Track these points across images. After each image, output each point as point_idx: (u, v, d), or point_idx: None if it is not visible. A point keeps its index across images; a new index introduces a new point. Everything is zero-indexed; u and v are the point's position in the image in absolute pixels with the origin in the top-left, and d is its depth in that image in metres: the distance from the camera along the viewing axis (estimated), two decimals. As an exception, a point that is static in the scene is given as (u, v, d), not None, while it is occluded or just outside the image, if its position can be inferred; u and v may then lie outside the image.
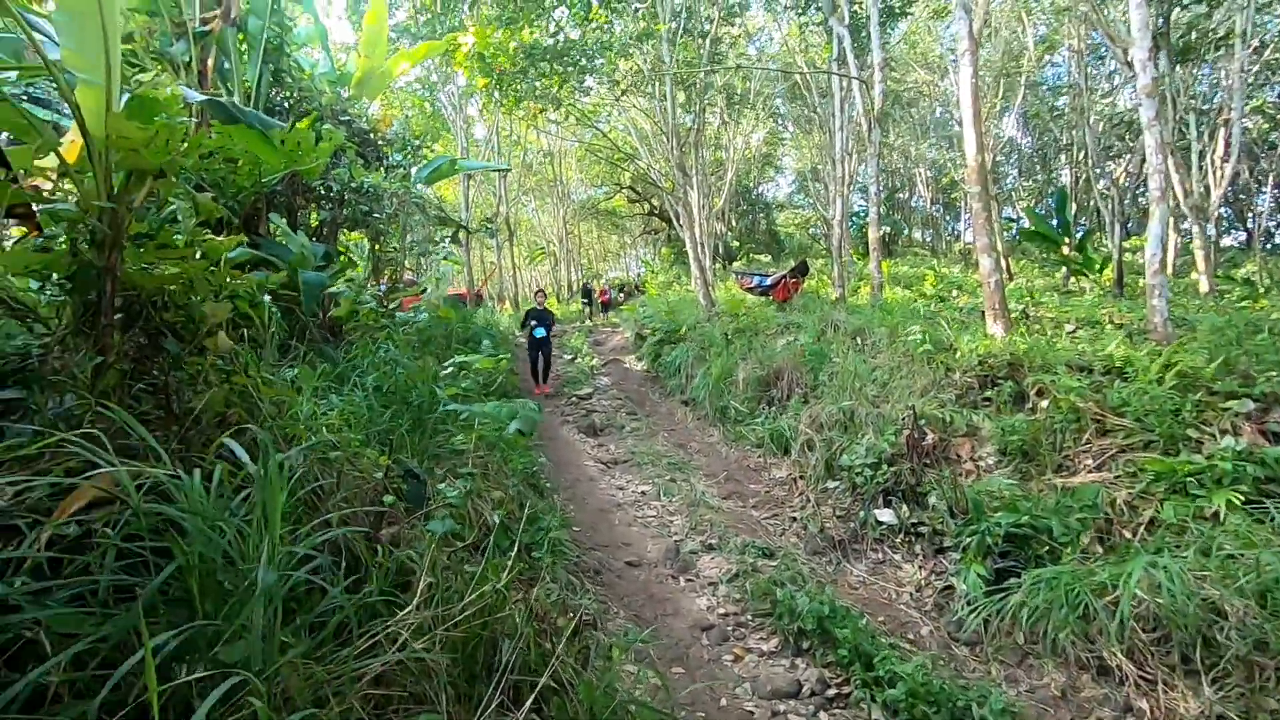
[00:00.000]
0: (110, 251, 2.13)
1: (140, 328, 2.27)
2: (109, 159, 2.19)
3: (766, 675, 3.50)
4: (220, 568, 1.60)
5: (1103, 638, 3.43)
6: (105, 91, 2.20)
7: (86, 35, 2.25)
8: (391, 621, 1.80)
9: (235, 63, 6.91)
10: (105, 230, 2.11)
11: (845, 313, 10.11)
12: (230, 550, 1.63)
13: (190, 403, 2.24)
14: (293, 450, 2.13)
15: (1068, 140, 18.07)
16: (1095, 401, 5.21)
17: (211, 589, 1.61)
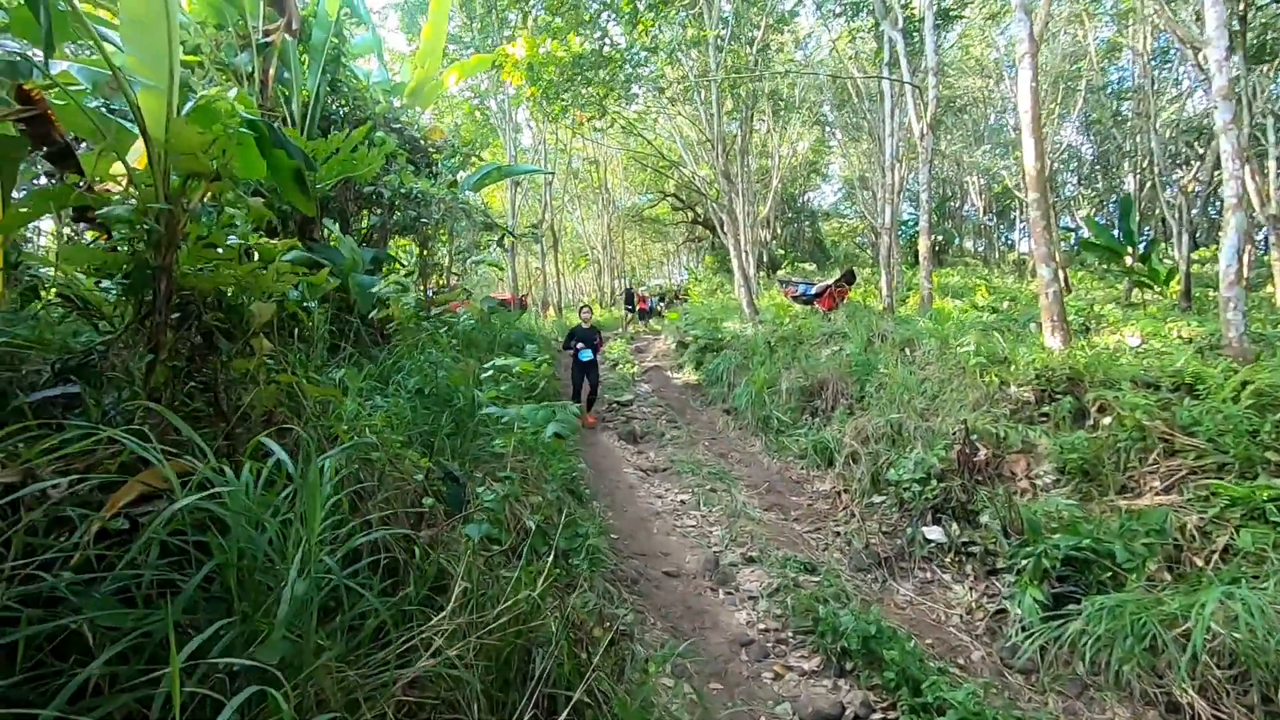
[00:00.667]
0: (165, 252, 2.18)
1: (192, 327, 2.32)
2: (167, 162, 2.24)
3: (808, 696, 3.38)
4: (259, 566, 1.60)
5: (1172, 672, 3.21)
6: (167, 97, 2.26)
7: (150, 44, 2.33)
8: (425, 627, 1.77)
9: (295, 73, 7.13)
10: (161, 231, 2.16)
11: (893, 323, 9.86)
12: (270, 550, 1.63)
13: (237, 401, 2.28)
14: (333, 450, 2.14)
15: (1131, 147, 17.31)
16: (1163, 420, 4.93)
17: (251, 587, 1.61)
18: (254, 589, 1.57)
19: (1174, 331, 8.07)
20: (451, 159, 9.04)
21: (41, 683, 1.35)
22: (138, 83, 2.25)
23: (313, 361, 3.62)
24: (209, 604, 1.60)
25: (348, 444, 2.38)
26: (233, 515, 1.61)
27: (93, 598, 1.46)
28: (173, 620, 1.40)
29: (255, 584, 1.57)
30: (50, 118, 2.86)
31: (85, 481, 1.92)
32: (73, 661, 1.37)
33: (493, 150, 20.96)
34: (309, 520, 1.65)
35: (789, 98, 21.31)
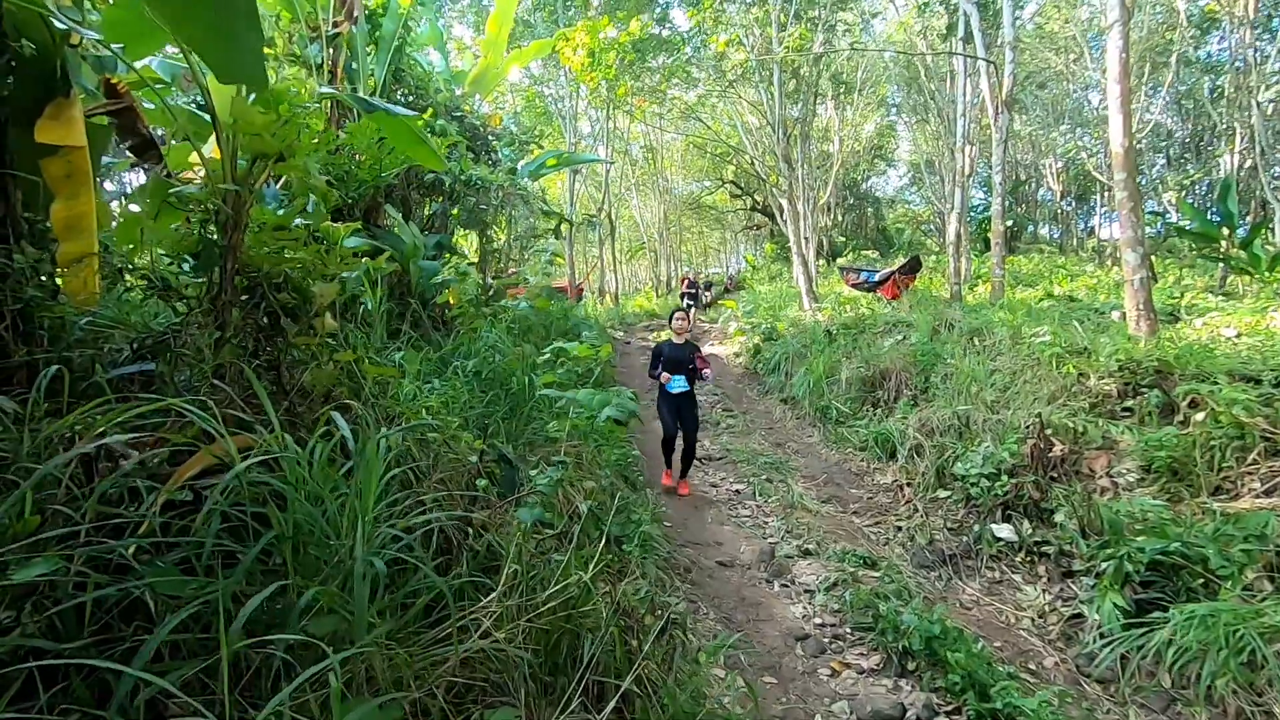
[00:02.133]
0: (232, 232, 2.22)
1: (258, 306, 2.37)
2: (235, 143, 2.28)
3: (866, 694, 3.26)
4: (315, 540, 1.61)
5: (1273, 690, 2.95)
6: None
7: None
8: (475, 608, 1.76)
9: (361, 62, 7.29)
10: (228, 211, 2.20)
11: (961, 311, 9.44)
12: (326, 524, 1.64)
13: (300, 379, 2.31)
14: (392, 428, 2.15)
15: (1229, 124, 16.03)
16: (1265, 416, 4.55)
17: (307, 562, 1.62)
18: (309, 563, 1.58)
19: (1277, 322, 7.46)
20: (511, 146, 9.10)
21: (108, 646, 1.39)
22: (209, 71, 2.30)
23: (372, 344, 3.68)
24: (266, 576, 1.63)
25: (408, 424, 2.40)
26: (290, 488, 1.63)
27: (156, 566, 1.50)
28: (229, 591, 1.42)
29: (310, 558, 1.59)
30: (135, 111, 2.98)
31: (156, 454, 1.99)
32: (135, 628, 1.40)
33: (551, 138, 21.09)
34: (365, 495, 1.65)
35: (852, 80, 20.65)
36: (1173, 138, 23.09)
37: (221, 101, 2.22)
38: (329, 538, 1.64)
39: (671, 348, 6.12)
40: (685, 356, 6.05)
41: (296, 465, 1.71)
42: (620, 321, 18.46)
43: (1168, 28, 17.37)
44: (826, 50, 13.11)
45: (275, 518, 1.58)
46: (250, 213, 2.47)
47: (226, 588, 1.38)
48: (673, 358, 6.06)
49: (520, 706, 1.59)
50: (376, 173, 6.29)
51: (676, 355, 6.07)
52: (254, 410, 2.18)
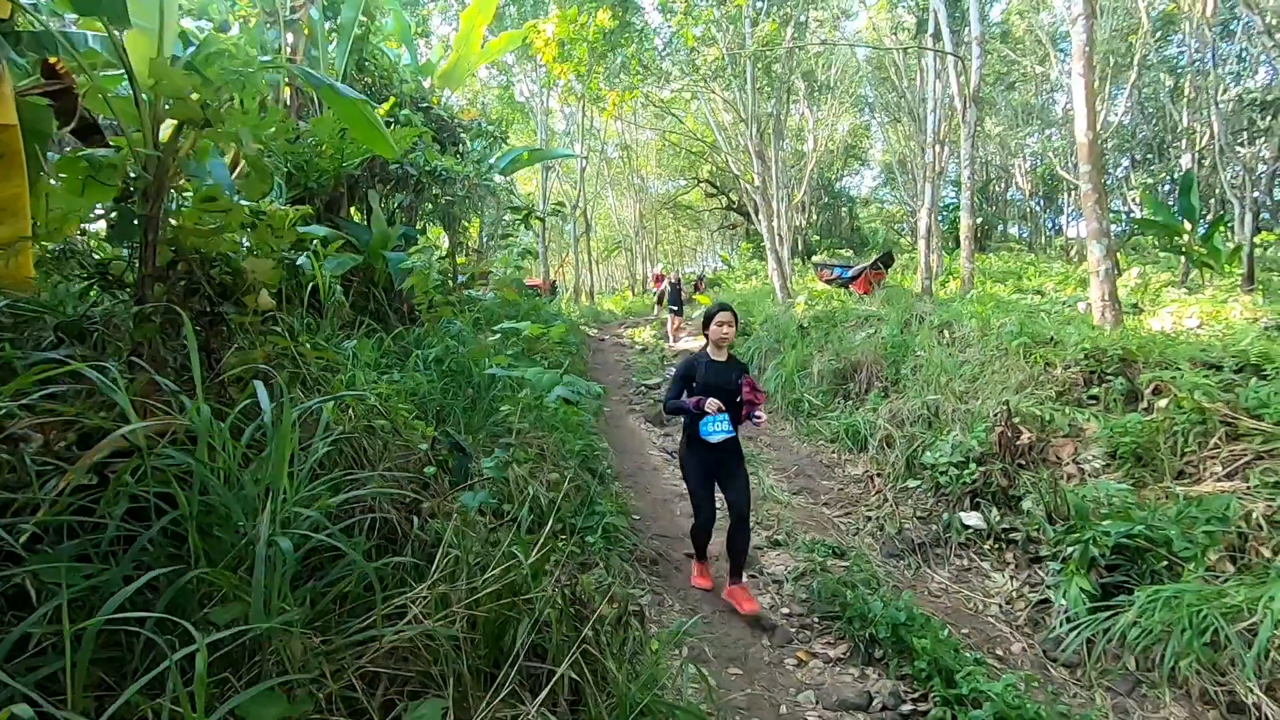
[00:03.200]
0: (153, 202, 2.08)
1: (185, 282, 2.23)
2: (157, 108, 2.14)
3: (833, 683, 3.20)
4: (223, 521, 1.49)
5: (1236, 670, 2.94)
6: (157, 39, 2.16)
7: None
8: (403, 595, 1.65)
9: (322, 50, 7.10)
10: (148, 179, 2.07)
11: (932, 305, 9.49)
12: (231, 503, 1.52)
13: (226, 358, 2.18)
14: (314, 401, 2.03)
15: (1190, 124, 16.40)
16: (1225, 402, 4.58)
17: (219, 545, 1.50)
18: (220, 546, 1.46)
19: (1236, 312, 7.59)
20: (479, 138, 8.94)
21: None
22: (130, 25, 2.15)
23: (323, 331, 3.53)
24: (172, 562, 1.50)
25: (331, 395, 2.27)
26: (200, 466, 1.50)
27: (46, 552, 1.37)
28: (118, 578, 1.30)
29: (217, 540, 1.47)
30: (75, 93, 2.80)
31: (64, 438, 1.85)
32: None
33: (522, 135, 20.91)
34: (278, 469, 1.53)
35: (824, 79, 20.78)
36: (1137, 138, 23.56)
37: (140, 63, 2.08)
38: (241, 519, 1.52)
39: (711, 367, 3.84)
40: (730, 382, 3.81)
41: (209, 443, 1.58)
42: (595, 319, 18.35)
43: (1129, 31, 17.71)
44: (796, 44, 13.12)
45: (181, 498, 1.46)
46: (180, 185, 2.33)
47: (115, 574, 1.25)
48: (712, 383, 3.77)
49: (447, 697, 1.48)
50: (338, 163, 6.12)
51: (718, 379, 3.79)
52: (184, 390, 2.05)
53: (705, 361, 3.93)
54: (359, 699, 1.43)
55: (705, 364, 3.91)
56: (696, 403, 3.72)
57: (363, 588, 1.77)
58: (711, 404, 3.65)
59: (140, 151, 2.07)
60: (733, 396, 3.82)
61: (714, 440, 3.73)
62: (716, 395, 3.73)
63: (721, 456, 3.85)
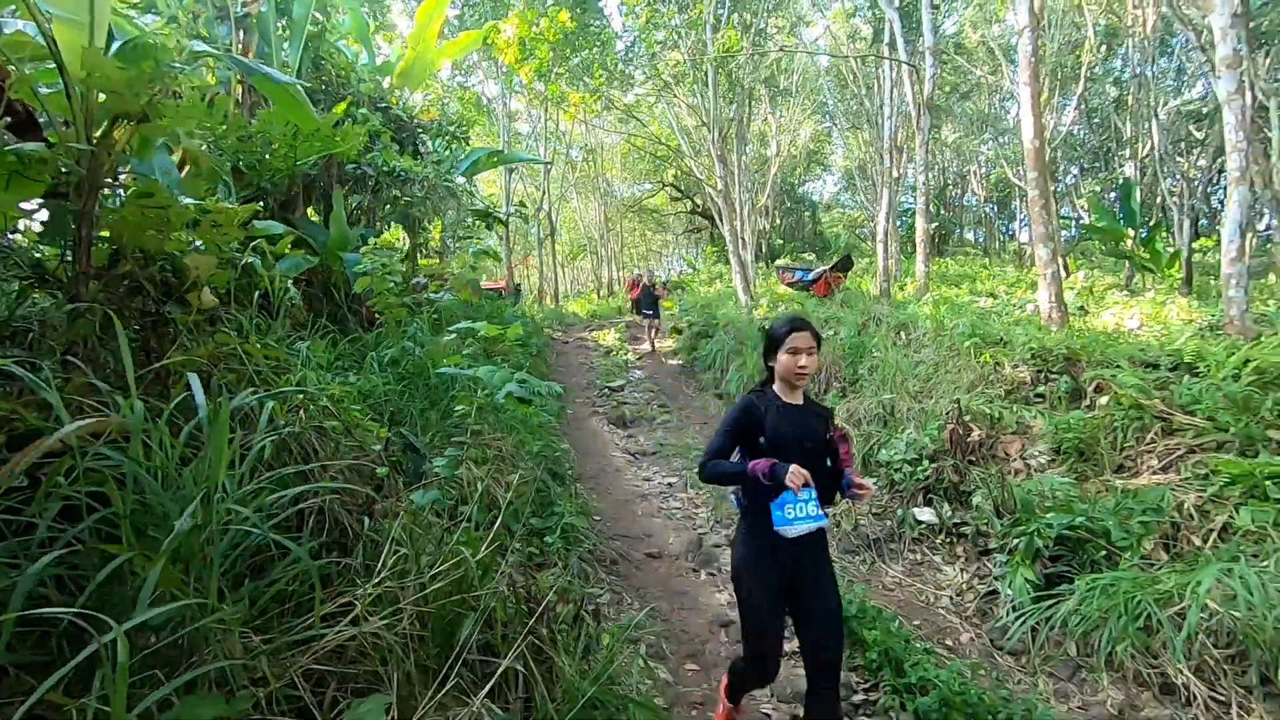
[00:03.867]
0: (87, 197, 2.03)
1: (124, 279, 2.17)
2: (90, 101, 2.09)
3: (788, 676, 3.24)
4: (159, 521, 1.46)
5: (1167, 652, 3.08)
6: (88, 30, 2.11)
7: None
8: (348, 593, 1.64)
9: (275, 47, 6.96)
10: (81, 173, 2.01)
11: (889, 307, 9.70)
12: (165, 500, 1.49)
13: (167, 356, 2.13)
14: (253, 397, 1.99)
15: (1133, 134, 17.10)
16: (1161, 399, 4.79)
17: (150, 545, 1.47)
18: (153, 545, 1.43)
19: (1174, 313, 7.93)
20: (440, 138, 8.86)
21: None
22: (56, 16, 2.09)
23: (274, 331, 3.47)
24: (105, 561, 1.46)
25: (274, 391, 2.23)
26: (129, 463, 1.47)
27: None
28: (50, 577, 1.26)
29: (154, 540, 1.44)
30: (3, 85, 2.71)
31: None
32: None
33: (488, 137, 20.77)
34: (214, 464, 1.51)
35: (786, 86, 21.09)
36: (1084, 147, 24.44)
37: (69, 50, 2.02)
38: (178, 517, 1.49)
39: (783, 414, 2.41)
40: (814, 436, 2.42)
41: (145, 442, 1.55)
42: (559, 322, 18.29)
43: (1076, 44, 18.38)
44: (757, 50, 13.30)
45: (115, 496, 1.43)
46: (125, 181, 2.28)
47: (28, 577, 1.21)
48: (788, 436, 2.37)
49: (392, 694, 1.47)
50: (292, 161, 6.00)
51: (797, 430, 2.40)
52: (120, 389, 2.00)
53: (774, 403, 2.43)
54: (303, 697, 1.41)
55: (774, 407, 2.41)
56: (768, 468, 2.20)
57: (309, 587, 1.75)
58: (797, 474, 2.12)
59: (73, 146, 2.01)
60: (819, 459, 2.41)
61: (795, 532, 2.31)
62: (796, 458, 2.23)
63: (801, 555, 2.37)
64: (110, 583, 1.33)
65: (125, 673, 1.02)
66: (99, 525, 1.46)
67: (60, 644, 1.30)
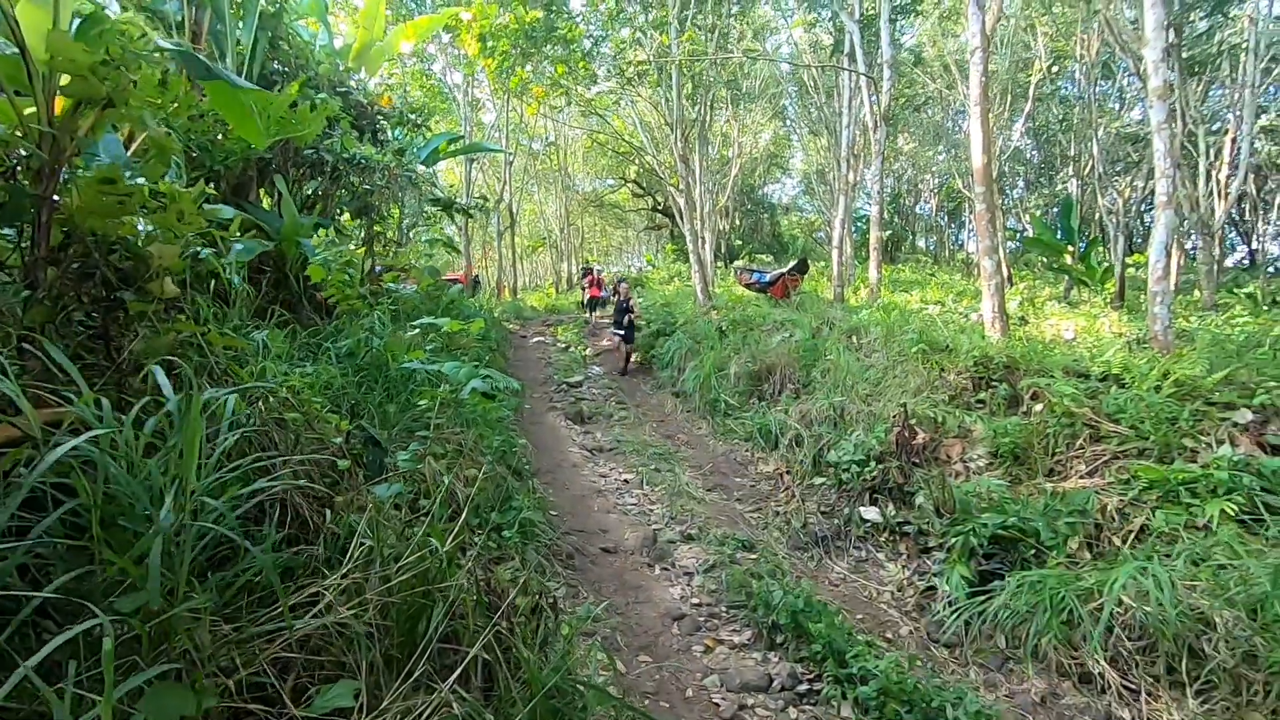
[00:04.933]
0: (47, 181, 1.99)
1: (82, 266, 2.14)
2: (53, 83, 2.05)
3: (736, 668, 3.38)
4: (127, 511, 1.47)
5: (1086, 644, 3.31)
6: (52, 10, 2.06)
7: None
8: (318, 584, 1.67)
9: (229, 25, 6.75)
10: (43, 157, 1.97)
11: (842, 311, 9.99)
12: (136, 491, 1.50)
13: (130, 346, 2.11)
14: (222, 391, 1.99)
15: (1075, 152, 17.93)
16: (1090, 407, 5.09)
17: (122, 535, 1.48)
18: (123, 537, 1.44)
19: (1106, 326, 8.39)
20: (400, 125, 8.73)
21: None
22: None
23: (230, 320, 3.42)
24: (74, 553, 1.47)
25: (241, 386, 2.23)
26: (100, 455, 1.47)
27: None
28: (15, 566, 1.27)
29: (122, 530, 1.44)
30: None
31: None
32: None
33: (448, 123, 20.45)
34: (186, 457, 1.52)
35: (748, 89, 21.38)
36: (1030, 163, 25.47)
37: (32, 29, 1.98)
38: (149, 508, 1.50)
39: None
40: None
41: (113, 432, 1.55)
42: (518, 316, 18.17)
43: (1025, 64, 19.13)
44: (720, 55, 13.46)
45: (82, 488, 1.43)
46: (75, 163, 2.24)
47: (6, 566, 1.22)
48: None
49: (360, 682, 1.52)
50: (247, 143, 5.85)
51: None
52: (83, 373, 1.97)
53: None
54: (271, 685, 1.44)
55: None
56: None
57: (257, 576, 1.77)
58: None
59: (33, 128, 1.97)
60: None
61: None
62: None
63: None
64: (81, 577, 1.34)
65: (110, 656, 1.04)
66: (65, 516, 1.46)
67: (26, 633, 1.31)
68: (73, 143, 2.06)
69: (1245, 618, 3.04)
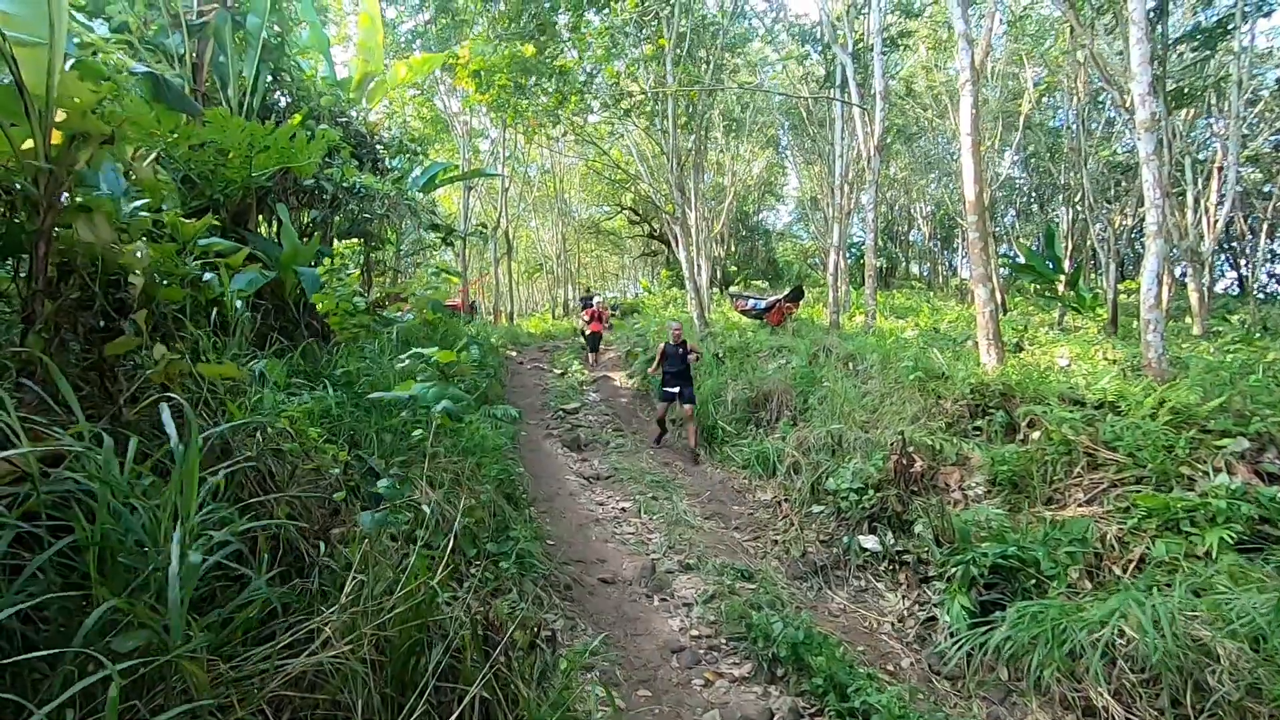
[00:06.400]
0: (44, 215, 2.01)
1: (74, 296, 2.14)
2: (49, 119, 2.07)
3: (737, 702, 3.32)
4: (125, 549, 1.45)
5: (1090, 677, 3.27)
6: (49, 50, 2.10)
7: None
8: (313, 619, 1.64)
9: (231, 58, 6.84)
10: (38, 193, 1.99)
11: (838, 338, 10.02)
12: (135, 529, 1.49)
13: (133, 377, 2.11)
14: (222, 425, 1.99)
15: (1066, 182, 18.19)
16: (1087, 435, 5.10)
17: (117, 573, 1.46)
18: (118, 573, 1.42)
19: (1100, 354, 8.43)
20: (399, 155, 8.82)
21: None
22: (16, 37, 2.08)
23: (228, 350, 3.41)
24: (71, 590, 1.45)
25: (237, 421, 2.22)
26: (100, 490, 1.46)
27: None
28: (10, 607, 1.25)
29: (119, 567, 1.43)
30: None
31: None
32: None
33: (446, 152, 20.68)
34: (186, 495, 1.51)
35: (741, 119, 21.72)
36: (1021, 191, 25.81)
37: (31, 69, 2.01)
38: (143, 545, 1.48)
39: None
40: None
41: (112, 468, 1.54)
42: (515, 341, 18.19)
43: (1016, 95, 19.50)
44: (714, 86, 13.69)
45: (79, 525, 1.42)
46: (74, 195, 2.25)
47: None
48: None
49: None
50: (246, 172, 5.90)
51: None
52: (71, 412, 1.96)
53: None
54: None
55: None
56: None
57: (267, 614, 1.75)
58: None
59: (30, 163, 1.99)
60: None
61: None
62: None
63: None
64: (71, 612, 1.32)
65: (115, 704, 1.02)
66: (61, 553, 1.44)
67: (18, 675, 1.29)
68: (70, 177, 2.08)
69: (1248, 649, 3.02)
